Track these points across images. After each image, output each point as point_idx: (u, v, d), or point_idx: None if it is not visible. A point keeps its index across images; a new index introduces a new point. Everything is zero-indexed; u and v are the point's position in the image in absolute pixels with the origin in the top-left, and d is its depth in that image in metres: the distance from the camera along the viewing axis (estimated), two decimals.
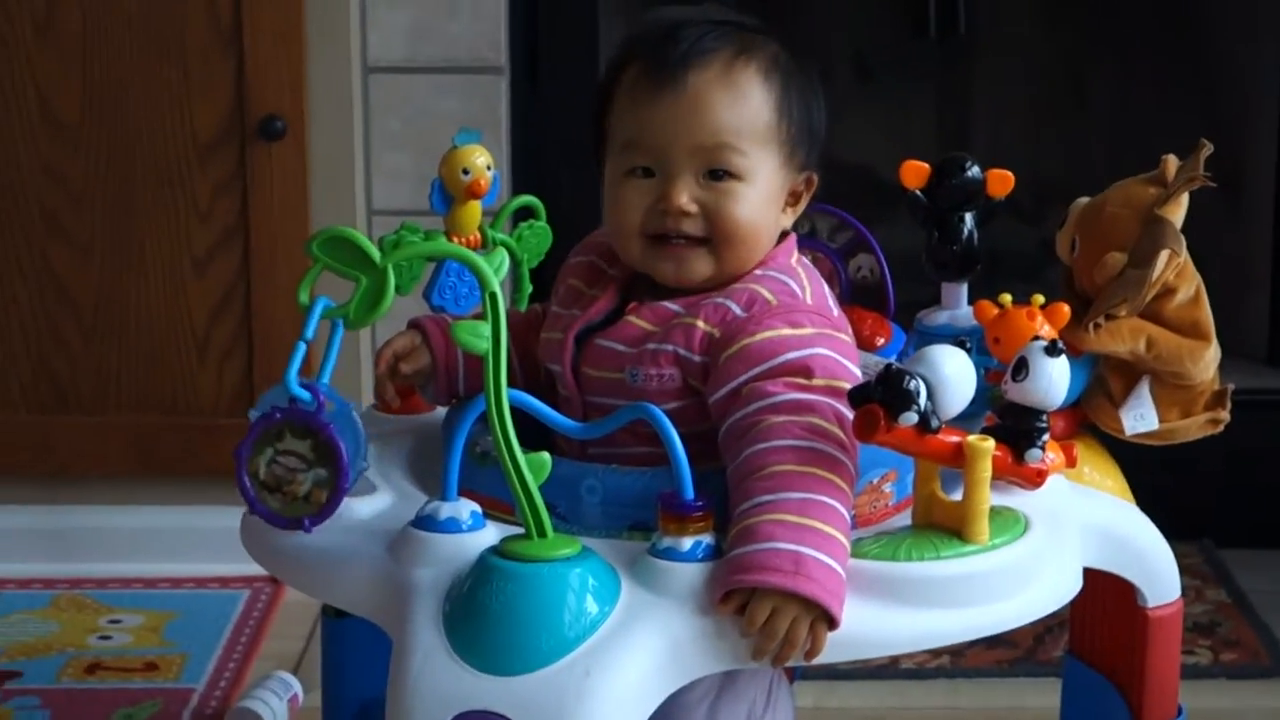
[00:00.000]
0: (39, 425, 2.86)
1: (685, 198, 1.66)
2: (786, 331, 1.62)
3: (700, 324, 1.65)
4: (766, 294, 1.66)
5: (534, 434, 1.62)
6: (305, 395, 1.56)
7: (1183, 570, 1.88)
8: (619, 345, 1.68)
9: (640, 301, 1.70)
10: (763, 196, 1.68)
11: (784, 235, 1.74)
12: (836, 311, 1.71)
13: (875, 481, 1.64)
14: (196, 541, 2.85)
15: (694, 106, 1.66)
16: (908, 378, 1.51)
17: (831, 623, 1.49)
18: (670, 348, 1.65)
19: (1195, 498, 2.92)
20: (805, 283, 1.69)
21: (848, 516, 1.53)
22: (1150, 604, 1.81)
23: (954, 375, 1.54)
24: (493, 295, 1.47)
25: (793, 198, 1.73)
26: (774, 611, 1.47)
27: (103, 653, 2.61)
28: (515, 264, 1.92)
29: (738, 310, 1.65)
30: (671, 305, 1.68)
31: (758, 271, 1.69)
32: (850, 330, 1.70)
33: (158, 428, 2.86)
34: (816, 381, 1.59)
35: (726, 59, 1.67)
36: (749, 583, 1.47)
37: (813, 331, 1.63)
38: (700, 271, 1.68)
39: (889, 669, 2.55)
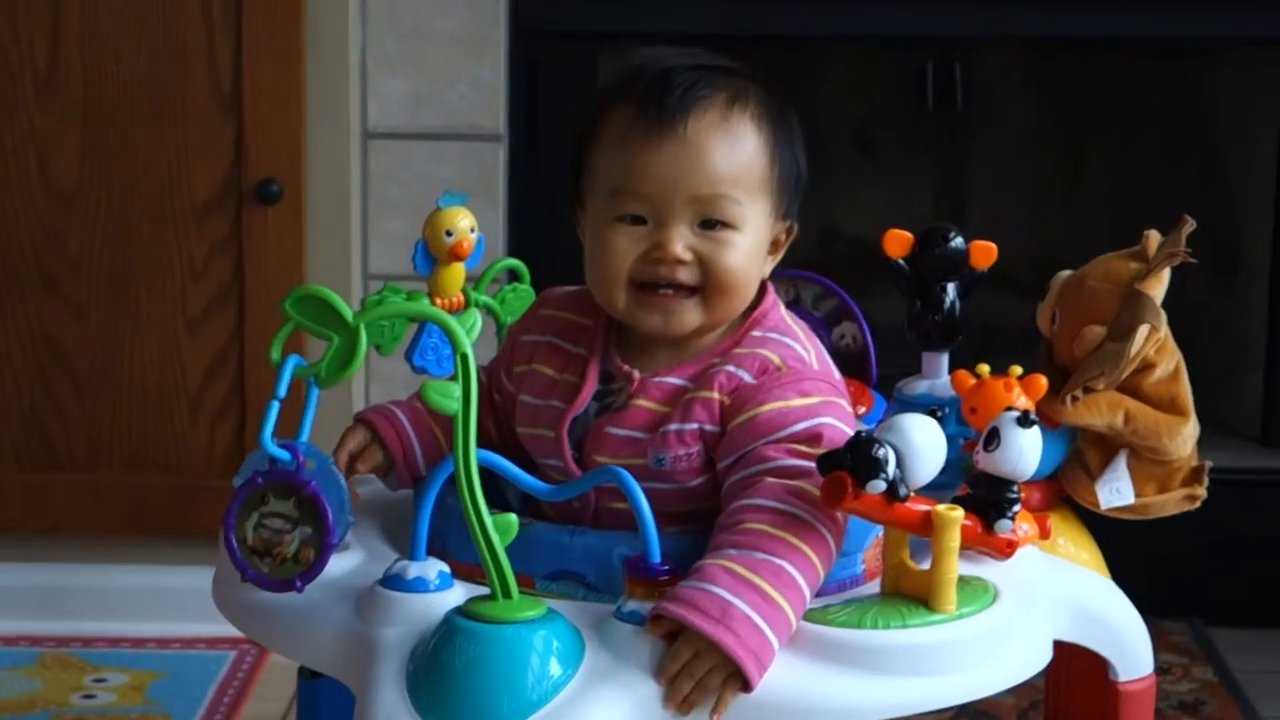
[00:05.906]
0: (31, 483, 2.87)
1: (680, 246, 1.64)
2: (796, 402, 1.62)
3: (715, 395, 1.64)
4: (776, 360, 1.65)
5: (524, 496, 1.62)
6: (284, 455, 1.56)
7: (1170, 647, 1.87)
8: (634, 432, 1.66)
9: (629, 375, 1.68)
10: (754, 245, 1.67)
11: (763, 287, 1.73)
12: (837, 375, 1.71)
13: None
14: (186, 602, 2.84)
15: (693, 155, 1.64)
16: (876, 445, 1.51)
17: (745, 685, 1.48)
18: (695, 425, 1.64)
19: (1185, 575, 2.90)
20: (808, 345, 1.69)
21: (805, 589, 1.52)
22: (1122, 678, 1.80)
23: (923, 444, 1.53)
24: (464, 356, 1.47)
25: (774, 246, 1.72)
26: (696, 655, 1.47)
27: (85, 711, 2.60)
28: (499, 326, 1.93)
29: (748, 378, 1.64)
30: (675, 380, 1.67)
31: (757, 333, 1.68)
32: (847, 391, 1.70)
33: (149, 487, 2.86)
34: (819, 450, 1.58)
35: (723, 105, 1.65)
36: (671, 613, 1.47)
37: (819, 400, 1.63)
38: (689, 322, 1.66)
39: None
